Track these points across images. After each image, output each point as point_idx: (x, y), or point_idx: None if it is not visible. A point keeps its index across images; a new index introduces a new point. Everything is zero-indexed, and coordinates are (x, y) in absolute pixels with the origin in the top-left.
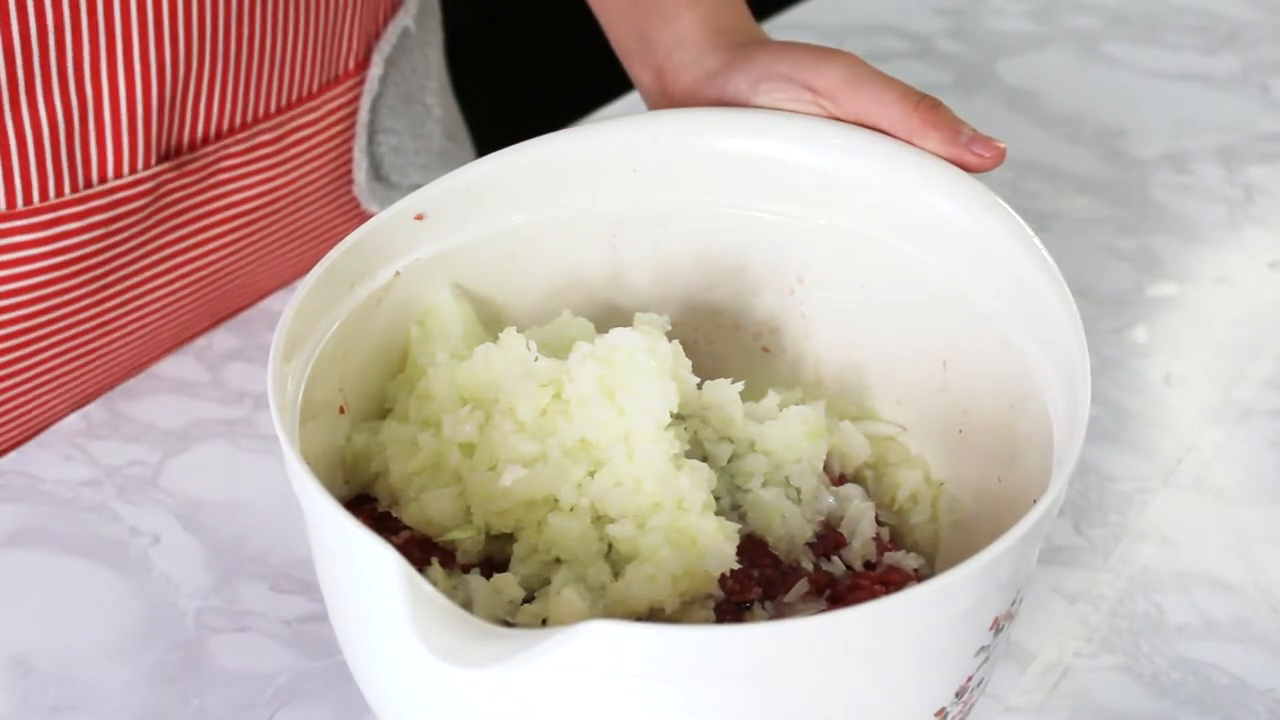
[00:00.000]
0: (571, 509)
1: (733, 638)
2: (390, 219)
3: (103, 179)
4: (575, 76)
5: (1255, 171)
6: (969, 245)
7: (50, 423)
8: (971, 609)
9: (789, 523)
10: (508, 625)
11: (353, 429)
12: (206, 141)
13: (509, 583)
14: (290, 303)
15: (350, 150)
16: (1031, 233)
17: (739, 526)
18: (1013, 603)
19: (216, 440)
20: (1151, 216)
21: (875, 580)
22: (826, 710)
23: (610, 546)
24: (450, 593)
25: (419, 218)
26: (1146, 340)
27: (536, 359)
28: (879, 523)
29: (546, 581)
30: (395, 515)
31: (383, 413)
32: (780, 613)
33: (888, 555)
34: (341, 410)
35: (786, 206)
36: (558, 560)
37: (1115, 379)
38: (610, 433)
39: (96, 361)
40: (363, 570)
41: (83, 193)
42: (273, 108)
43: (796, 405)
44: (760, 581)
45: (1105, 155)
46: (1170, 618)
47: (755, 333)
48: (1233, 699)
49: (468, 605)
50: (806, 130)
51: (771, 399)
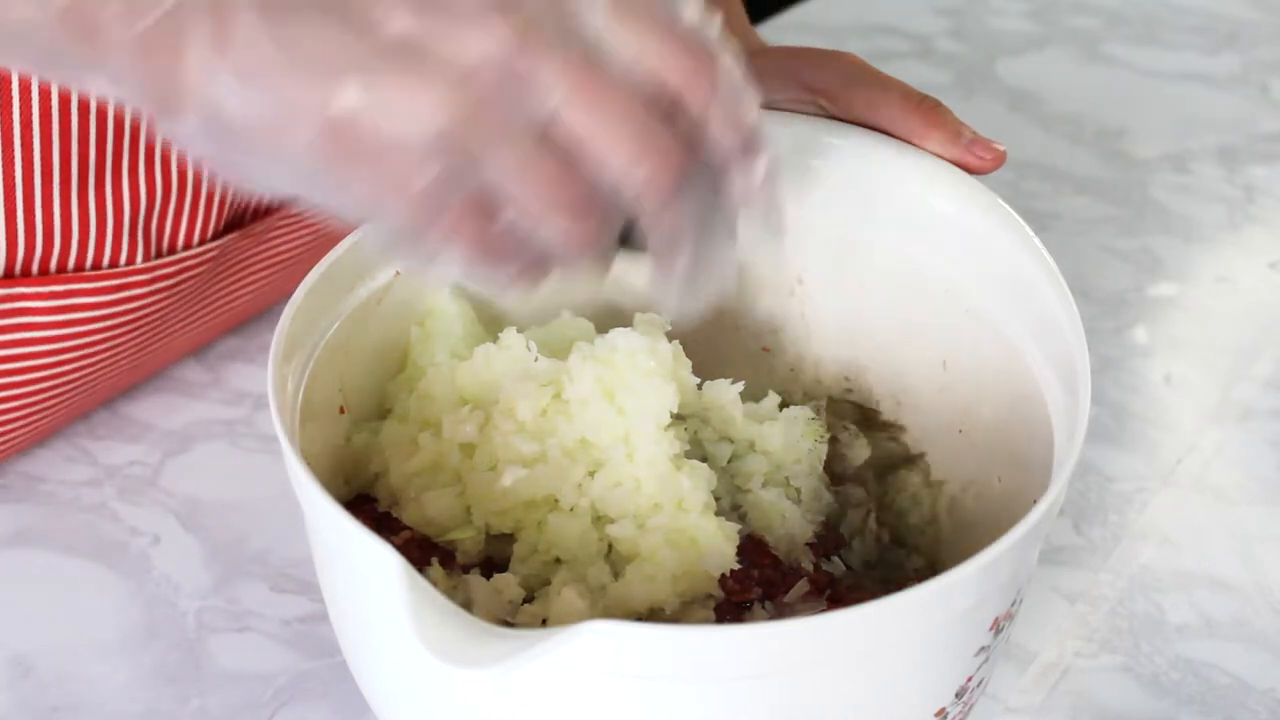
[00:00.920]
0: (571, 509)
1: (733, 638)
2: None
3: (172, 249)
4: None
5: (1255, 171)
6: (969, 245)
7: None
8: (971, 609)
9: (789, 523)
10: (508, 625)
11: (353, 429)
12: (272, 211)
13: (509, 583)
14: (290, 303)
15: None
16: (1031, 233)
17: (739, 527)
18: (1013, 603)
19: (216, 440)
20: (1151, 216)
21: (875, 580)
22: (826, 710)
23: (610, 547)
24: (450, 593)
25: None
26: (1146, 340)
27: (536, 359)
28: (879, 523)
29: (546, 581)
30: (395, 515)
31: (383, 413)
32: (780, 613)
33: (888, 555)
34: (341, 410)
35: (786, 206)
36: (558, 560)
37: (1115, 379)
38: (610, 433)
39: (121, 382)
40: (363, 570)
41: (153, 261)
42: None
43: (796, 405)
44: (760, 581)
45: (1105, 155)
46: (1170, 618)
47: (755, 333)
48: (1233, 699)
49: (468, 605)
50: (806, 130)
51: (771, 399)
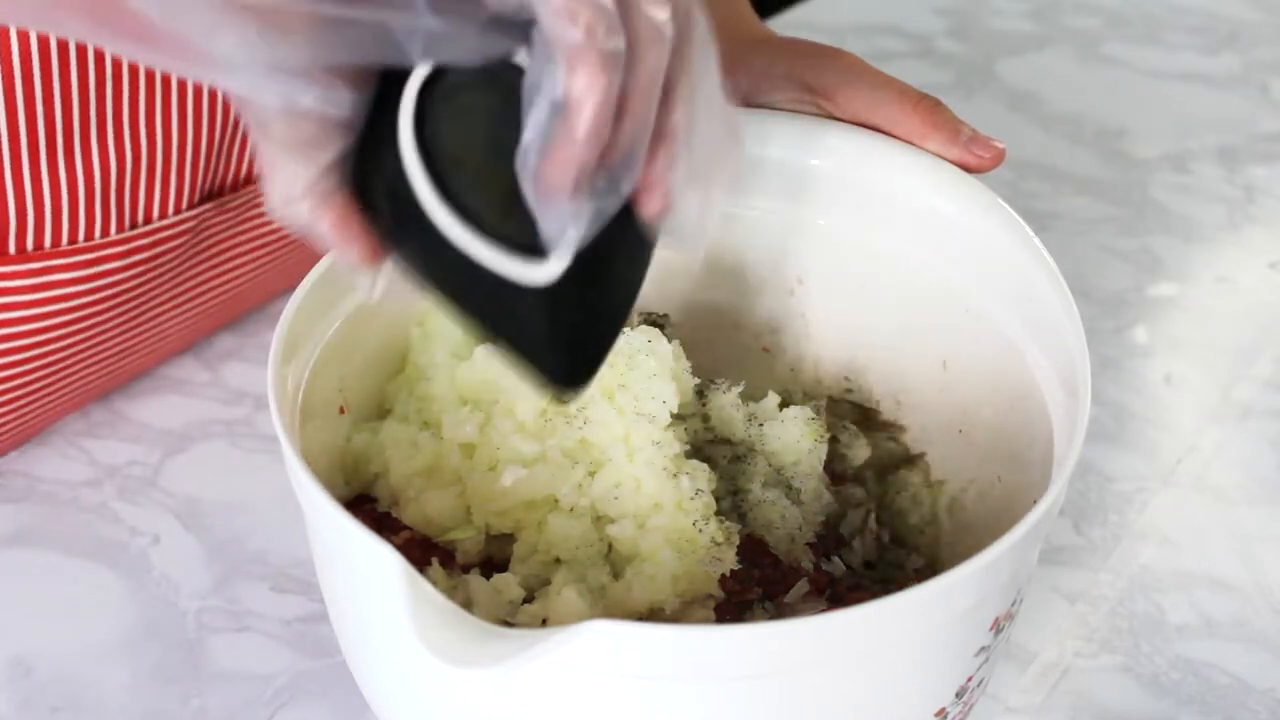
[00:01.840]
0: (571, 509)
1: (733, 638)
2: None
3: (148, 220)
4: None
5: (1255, 171)
6: (969, 245)
7: (51, 423)
8: (972, 609)
9: (789, 523)
10: (508, 625)
11: (353, 429)
12: (249, 182)
13: (509, 583)
14: (290, 303)
15: None
16: (1031, 233)
17: (739, 527)
18: (1013, 603)
19: (216, 440)
20: (1151, 216)
21: (875, 580)
22: (826, 710)
23: (610, 547)
24: (450, 593)
25: None
26: (1146, 340)
27: None
28: (879, 523)
29: (546, 582)
30: (395, 515)
31: (383, 413)
32: (780, 613)
33: (888, 555)
34: (341, 410)
35: (786, 206)
36: (558, 560)
37: (1115, 379)
38: (610, 433)
39: (111, 373)
40: (363, 570)
41: (127, 233)
42: None
43: (796, 405)
44: (760, 581)
45: (1105, 155)
46: (1170, 618)
47: (755, 333)
48: (1233, 699)
49: (468, 605)
50: (806, 130)
51: (771, 399)
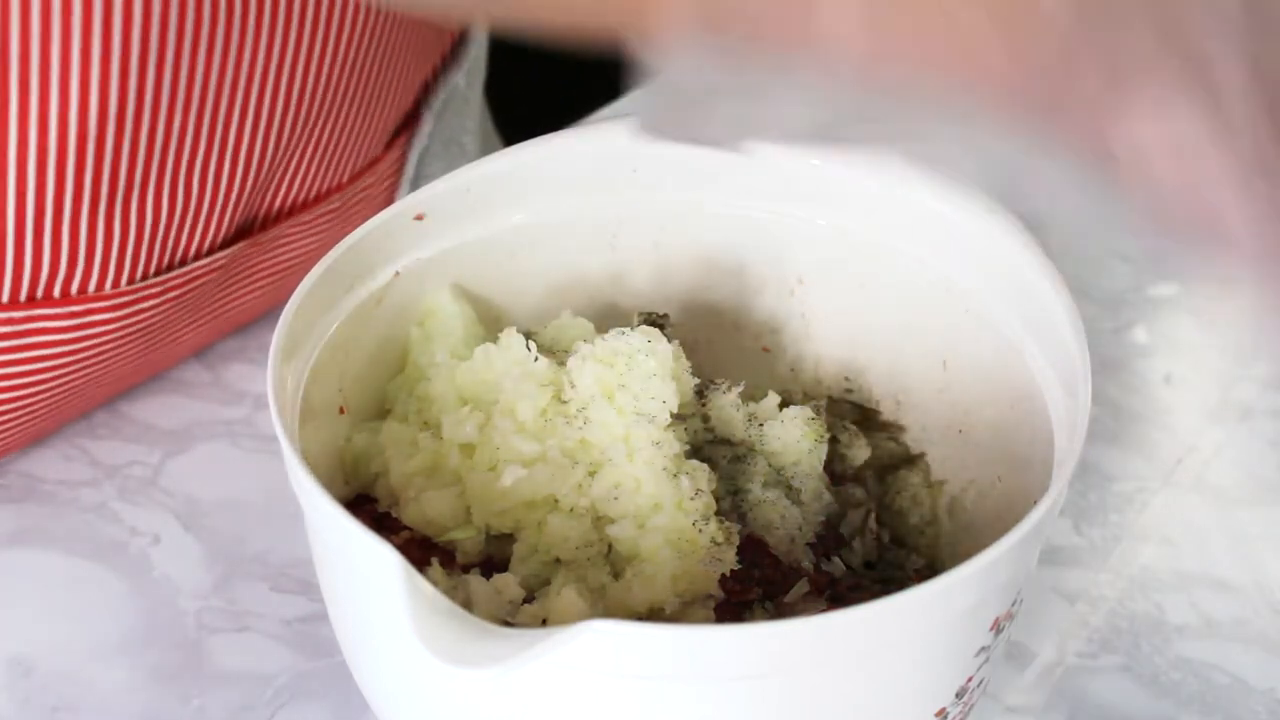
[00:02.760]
0: (571, 510)
1: (733, 638)
2: (390, 219)
3: (183, 261)
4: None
5: None
6: (969, 245)
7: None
8: (972, 609)
9: (789, 523)
10: (508, 625)
11: (353, 429)
12: (281, 219)
13: (509, 583)
14: (290, 303)
15: (392, 200)
16: (1031, 233)
17: (739, 527)
18: (1013, 603)
19: (216, 440)
20: None
21: (875, 580)
22: (826, 710)
23: (610, 547)
24: (450, 593)
25: (419, 218)
26: (1146, 340)
27: (536, 359)
28: (879, 523)
29: (546, 582)
30: (395, 515)
31: (383, 413)
32: (780, 613)
33: (888, 555)
34: (341, 410)
35: (786, 206)
36: (558, 560)
37: (1115, 379)
38: (610, 433)
39: (122, 384)
40: (363, 570)
41: (164, 275)
42: (345, 178)
43: (796, 405)
44: (760, 581)
45: None
46: (1170, 618)
47: (755, 333)
48: (1233, 699)
49: (468, 605)
50: None
51: (771, 399)
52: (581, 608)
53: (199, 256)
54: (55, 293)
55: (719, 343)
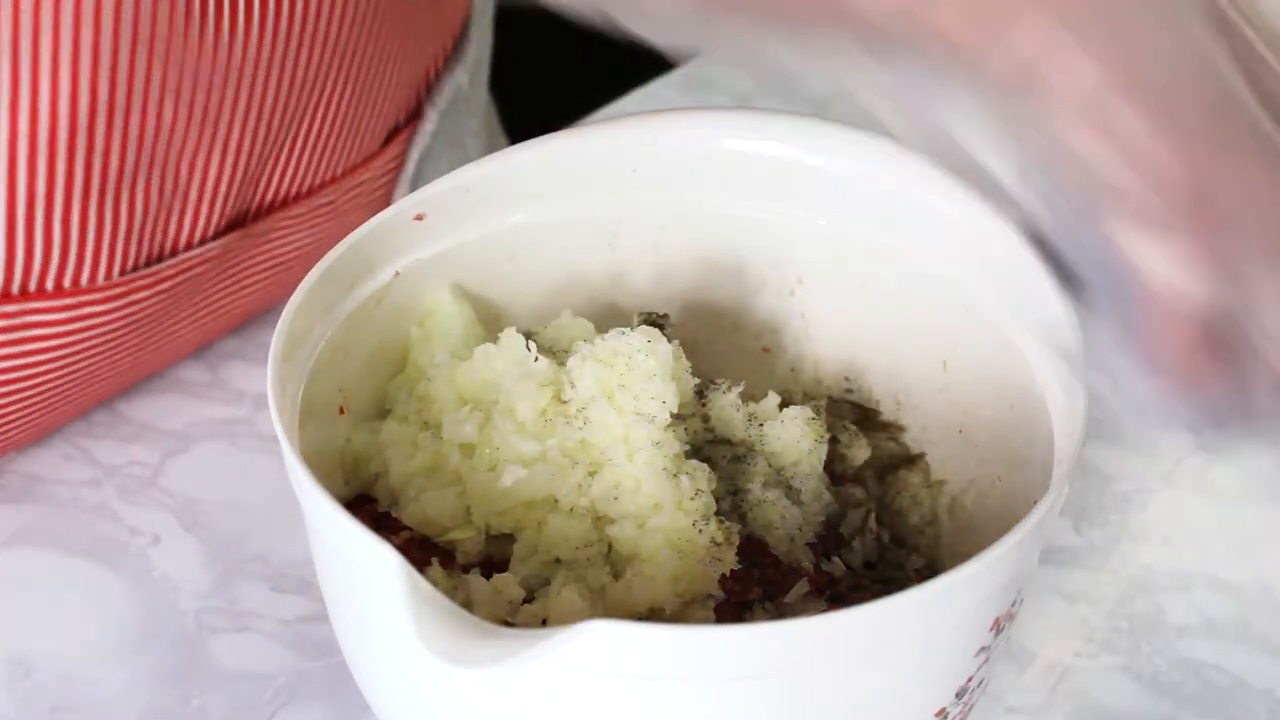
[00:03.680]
0: (571, 510)
1: (733, 638)
2: (390, 219)
3: (174, 251)
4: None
5: None
6: (969, 245)
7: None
8: (972, 609)
9: (789, 523)
10: (508, 625)
11: (353, 429)
12: (274, 210)
13: (509, 583)
14: (290, 303)
15: (389, 198)
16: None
17: (739, 527)
18: (1013, 603)
19: (216, 440)
20: None
21: (875, 580)
22: (826, 710)
23: (610, 547)
24: (450, 593)
25: (419, 218)
26: None
27: (536, 359)
28: (879, 523)
29: (546, 582)
30: (395, 515)
31: (383, 413)
32: (780, 613)
33: (888, 555)
34: (341, 410)
35: (786, 206)
36: (558, 561)
37: None
38: (610, 434)
39: (119, 382)
40: (363, 570)
41: (156, 265)
42: (339, 172)
43: (796, 405)
44: (760, 581)
45: None
46: (1170, 618)
47: (755, 333)
48: (1233, 699)
49: (468, 605)
50: (806, 130)
51: (771, 399)
52: (581, 608)
53: (190, 247)
54: (48, 285)
55: (719, 343)
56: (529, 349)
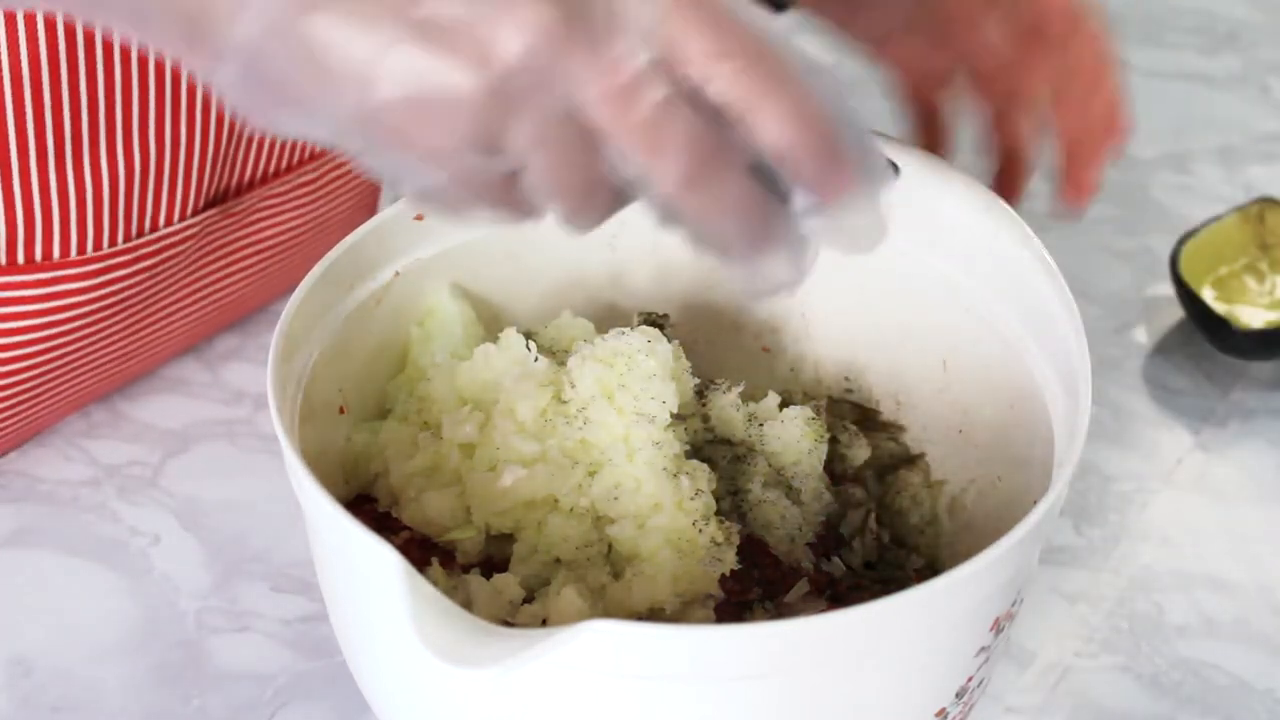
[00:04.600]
0: (571, 510)
1: (733, 638)
2: (390, 219)
3: (154, 227)
4: None
5: (1255, 171)
6: (969, 245)
7: (51, 424)
8: (972, 609)
9: (789, 523)
10: (508, 625)
11: (353, 429)
12: (253, 186)
13: (509, 583)
14: (290, 303)
15: (376, 182)
16: (1031, 233)
17: (739, 527)
18: (1013, 603)
19: (216, 440)
20: (1151, 216)
21: (875, 580)
22: (826, 710)
23: (610, 547)
24: (450, 593)
25: (419, 218)
26: (1146, 340)
27: (536, 359)
28: (879, 523)
29: (546, 582)
30: (395, 515)
31: (383, 413)
32: (780, 613)
33: (888, 555)
34: (341, 410)
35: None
36: (558, 561)
37: (1115, 379)
38: (610, 434)
39: (113, 375)
40: (363, 570)
41: (134, 241)
42: (317, 149)
43: (796, 405)
44: (760, 581)
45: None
46: (1170, 618)
47: (755, 333)
48: (1233, 699)
49: (468, 605)
50: None
51: (771, 399)
52: (581, 608)
53: (170, 223)
54: (20, 258)
55: (719, 343)
56: (529, 349)
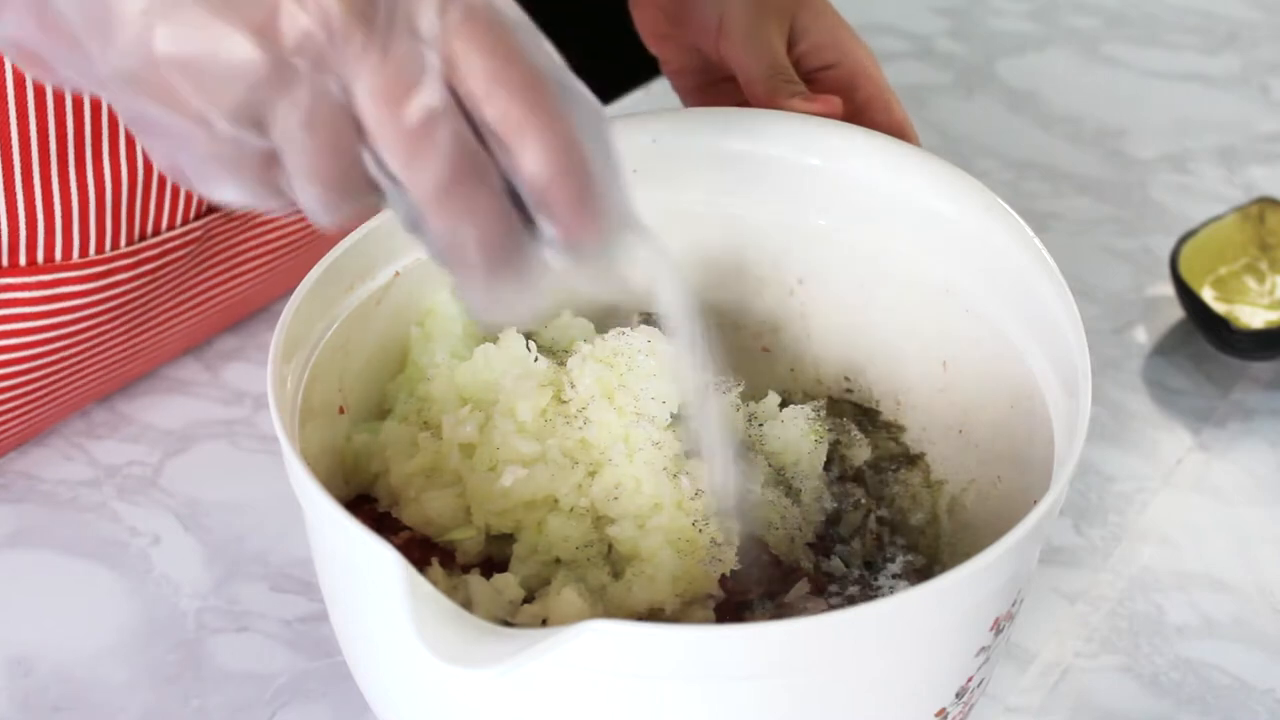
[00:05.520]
0: (571, 510)
1: (733, 638)
2: (390, 219)
3: (156, 231)
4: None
5: (1255, 171)
6: (969, 245)
7: (52, 424)
8: (972, 609)
9: (789, 523)
10: (508, 625)
11: (353, 429)
12: None
13: (509, 583)
14: (290, 303)
15: None
16: (1031, 233)
17: (739, 527)
18: (1013, 603)
19: (216, 440)
20: (1151, 216)
21: (875, 580)
22: (827, 710)
23: (610, 547)
24: (450, 593)
25: None
26: (1146, 340)
27: (536, 359)
28: (879, 523)
29: (546, 581)
30: (395, 515)
31: (383, 413)
32: (780, 613)
33: (888, 555)
34: (341, 410)
35: (786, 206)
36: (558, 561)
37: (1115, 379)
38: (610, 433)
39: (114, 376)
40: (363, 570)
41: (136, 244)
42: None
43: (796, 405)
44: (760, 581)
45: (1105, 155)
46: (1170, 618)
47: (755, 333)
48: (1233, 699)
49: (468, 605)
50: (806, 130)
51: (771, 399)
52: (581, 608)
53: (172, 227)
54: (22, 260)
55: (719, 343)
56: (529, 349)
